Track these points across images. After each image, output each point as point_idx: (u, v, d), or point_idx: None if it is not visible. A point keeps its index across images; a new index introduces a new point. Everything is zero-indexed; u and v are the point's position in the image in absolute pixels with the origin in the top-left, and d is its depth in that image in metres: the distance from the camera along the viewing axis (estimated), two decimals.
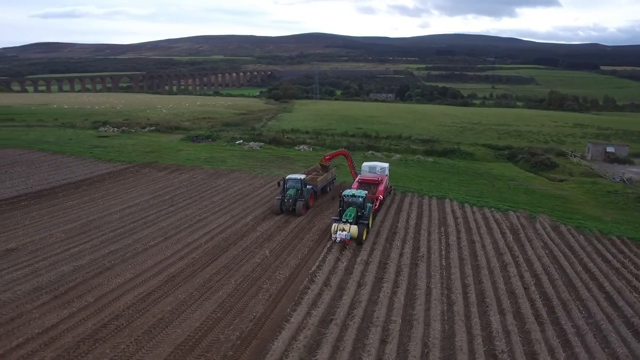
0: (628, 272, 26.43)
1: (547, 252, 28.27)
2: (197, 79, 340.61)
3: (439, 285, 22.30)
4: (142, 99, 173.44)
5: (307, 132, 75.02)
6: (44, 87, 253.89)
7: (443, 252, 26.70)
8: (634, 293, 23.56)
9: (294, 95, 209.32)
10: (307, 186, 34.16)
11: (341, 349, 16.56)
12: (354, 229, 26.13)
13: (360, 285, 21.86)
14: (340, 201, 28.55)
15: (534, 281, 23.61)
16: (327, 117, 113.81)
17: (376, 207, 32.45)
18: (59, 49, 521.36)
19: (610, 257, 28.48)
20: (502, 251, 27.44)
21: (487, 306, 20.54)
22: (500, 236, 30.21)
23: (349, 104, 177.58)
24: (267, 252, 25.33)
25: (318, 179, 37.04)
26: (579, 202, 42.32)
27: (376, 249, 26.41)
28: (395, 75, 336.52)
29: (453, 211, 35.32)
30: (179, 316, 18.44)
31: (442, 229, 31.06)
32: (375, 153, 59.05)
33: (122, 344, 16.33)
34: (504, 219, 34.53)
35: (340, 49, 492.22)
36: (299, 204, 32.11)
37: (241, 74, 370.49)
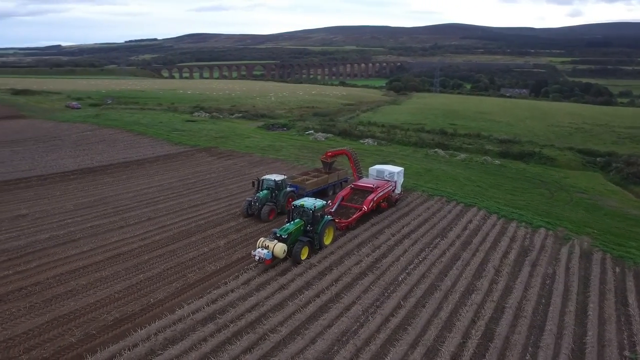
0: None
1: (546, 282, 24.03)
2: (326, 69, 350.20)
3: (369, 302, 20.37)
4: (264, 86, 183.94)
5: (382, 126, 72.86)
6: (187, 74, 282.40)
7: (410, 267, 24.25)
8: (626, 350, 19.03)
9: (415, 88, 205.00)
10: (288, 189, 31.02)
11: (197, 349, 16.23)
12: (279, 247, 22.24)
13: (281, 289, 21.02)
14: (289, 212, 25.16)
15: (490, 314, 20.27)
16: (428, 112, 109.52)
17: (350, 220, 28.26)
18: (206, 39, 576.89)
19: (632, 299, 23.25)
20: (483, 274, 24.05)
21: (402, 335, 18.23)
22: (499, 256, 26.44)
23: (468, 98, 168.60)
24: (222, 242, 25.61)
25: (308, 182, 33.25)
26: None
27: (334, 254, 24.98)
28: (534, 70, 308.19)
29: (469, 221, 31.80)
30: (86, 291, 19.76)
31: (437, 240, 28.19)
32: (439, 151, 55.26)
33: (15, 308, 18.15)
34: (526, 236, 30.12)
35: (477, 40, 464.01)
36: (266, 209, 28.92)
37: (370, 64, 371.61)
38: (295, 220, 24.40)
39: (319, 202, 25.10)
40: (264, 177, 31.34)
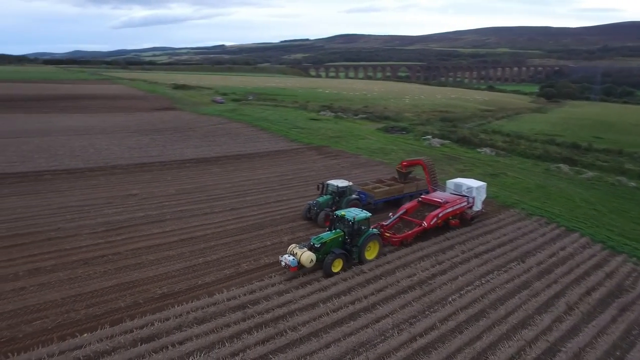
0: None
1: (631, 332, 20.13)
2: (474, 72, 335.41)
3: (403, 318, 19.45)
4: (404, 88, 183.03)
5: (507, 135, 67.61)
6: (333, 74, 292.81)
7: (466, 289, 22.42)
8: None
9: (570, 95, 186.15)
10: (352, 196, 30.15)
11: (217, 332, 17.45)
12: (306, 256, 21.62)
13: (320, 290, 21.21)
14: (331, 221, 24.40)
15: (536, 355, 17.80)
16: (574, 122, 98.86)
17: (405, 236, 26.54)
18: (355, 40, 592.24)
19: None
20: (550, 309, 21.07)
21: (422, 358, 17.24)
22: (579, 291, 22.91)
23: (636, 109, 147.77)
24: (286, 238, 26.67)
25: (377, 190, 31.94)
26: None
27: (390, 263, 24.26)
28: None
29: (562, 248, 28.20)
30: (151, 266, 22.56)
31: (511, 264, 25.51)
32: (563, 167, 49.45)
33: (93, 271, 21.71)
34: (630, 274, 25.64)
35: None
36: (322, 215, 28.29)
37: (524, 68, 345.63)
38: (335, 230, 23.60)
39: (362, 214, 23.84)
40: (328, 181, 31.03)
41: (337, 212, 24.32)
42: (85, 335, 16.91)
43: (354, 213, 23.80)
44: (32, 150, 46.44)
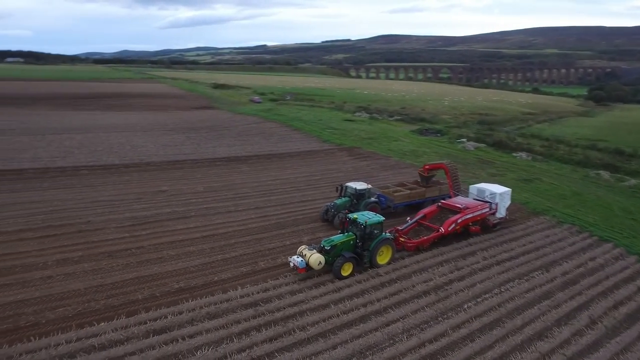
0: None
1: None
2: (519, 74, 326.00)
3: (414, 323, 19.21)
4: (444, 89, 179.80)
5: (545, 139, 65.34)
6: (374, 74, 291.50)
7: (483, 296, 21.86)
8: None
9: (621, 98, 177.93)
10: (371, 199, 29.67)
11: (227, 328, 17.85)
12: (315, 258, 21.52)
13: (333, 291, 21.25)
14: (343, 223, 24.26)
15: None
16: (622, 127, 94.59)
17: (420, 241, 26.05)
18: (397, 41, 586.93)
19: None
20: (570, 322, 20.23)
21: None
22: (605, 305, 21.72)
23: None
24: (305, 239, 26.82)
25: (397, 193, 31.47)
26: None
27: (407, 267, 23.98)
28: None
29: (591, 259, 26.98)
30: (171, 260, 23.29)
31: (534, 273, 24.63)
32: (603, 173, 47.35)
33: (115, 263, 22.67)
34: None
35: None
36: (338, 217, 27.88)
37: (572, 70, 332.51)
38: (346, 234, 23.28)
39: (374, 217, 23.34)
40: (347, 184, 30.69)
41: (349, 215, 24.04)
42: (102, 324, 17.67)
43: (367, 216, 23.42)
44: (73, 146, 48.72)
